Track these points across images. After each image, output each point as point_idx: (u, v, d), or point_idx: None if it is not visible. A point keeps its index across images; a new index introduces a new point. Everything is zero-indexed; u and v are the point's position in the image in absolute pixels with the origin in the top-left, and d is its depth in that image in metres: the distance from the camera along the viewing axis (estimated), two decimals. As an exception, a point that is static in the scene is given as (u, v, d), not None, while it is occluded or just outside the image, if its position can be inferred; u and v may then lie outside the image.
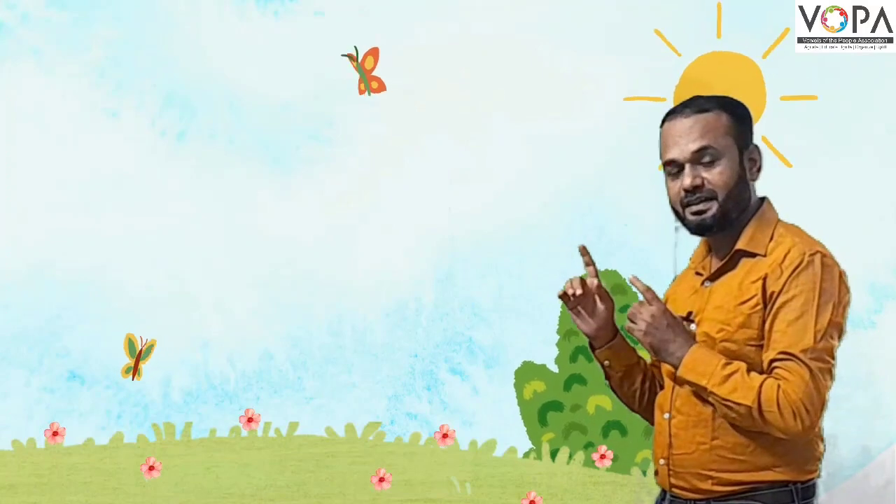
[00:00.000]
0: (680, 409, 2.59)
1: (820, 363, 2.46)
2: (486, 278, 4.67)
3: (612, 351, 2.76)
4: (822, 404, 2.47)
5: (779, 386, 2.43)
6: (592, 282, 2.74)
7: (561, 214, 4.65)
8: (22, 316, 4.63)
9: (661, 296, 2.86)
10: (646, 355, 2.80)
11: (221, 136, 4.68)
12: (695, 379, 2.51)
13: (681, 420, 2.58)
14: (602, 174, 4.63)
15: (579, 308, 2.73)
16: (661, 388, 2.77)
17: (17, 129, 4.66)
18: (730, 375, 2.47)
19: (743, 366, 2.48)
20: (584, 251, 2.75)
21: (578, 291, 2.71)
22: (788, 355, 2.45)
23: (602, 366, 2.80)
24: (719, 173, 2.55)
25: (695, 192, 2.56)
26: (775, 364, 2.46)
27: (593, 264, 2.75)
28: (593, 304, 2.74)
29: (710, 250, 2.71)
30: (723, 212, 2.56)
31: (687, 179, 2.56)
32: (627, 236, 4.64)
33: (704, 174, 2.55)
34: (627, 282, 2.59)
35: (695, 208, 2.57)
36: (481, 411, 4.68)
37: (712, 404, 2.52)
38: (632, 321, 2.56)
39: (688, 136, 2.56)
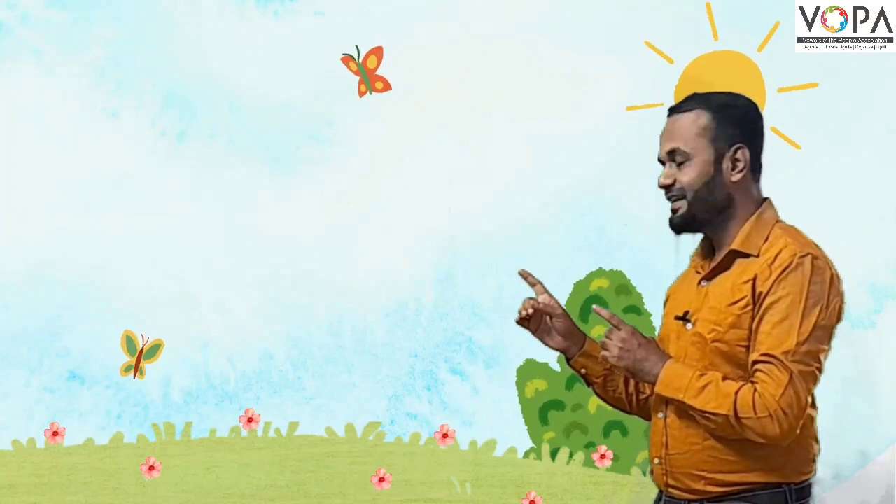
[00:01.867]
0: (675, 410, 2.59)
1: (802, 366, 2.44)
2: (486, 278, 4.67)
3: (585, 358, 2.78)
4: (803, 408, 2.46)
5: (755, 391, 2.43)
6: (545, 298, 2.76)
7: (561, 214, 4.65)
8: (22, 316, 4.63)
9: (663, 294, 2.87)
10: None
11: (221, 136, 4.68)
12: (672, 394, 2.52)
13: (676, 420, 2.58)
14: (602, 174, 4.63)
15: (541, 328, 2.77)
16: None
17: (17, 129, 4.66)
18: (704, 387, 2.48)
19: (718, 376, 2.48)
20: (524, 275, 2.79)
21: (530, 311, 2.75)
22: (770, 357, 2.44)
23: (581, 375, 2.81)
24: (686, 174, 2.58)
25: (669, 191, 2.59)
26: (756, 367, 2.46)
27: (539, 283, 2.78)
28: (550, 321, 2.76)
29: (711, 250, 2.71)
30: (691, 212, 2.58)
31: (660, 178, 2.60)
32: (627, 236, 4.64)
33: (677, 173, 2.59)
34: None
35: (672, 206, 2.61)
36: (481, 411, 4.68)
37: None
38: (604, 349, 2.58)
39: (667, 136, 2.62)
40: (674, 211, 2.61)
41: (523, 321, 2.77)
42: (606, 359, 2.58)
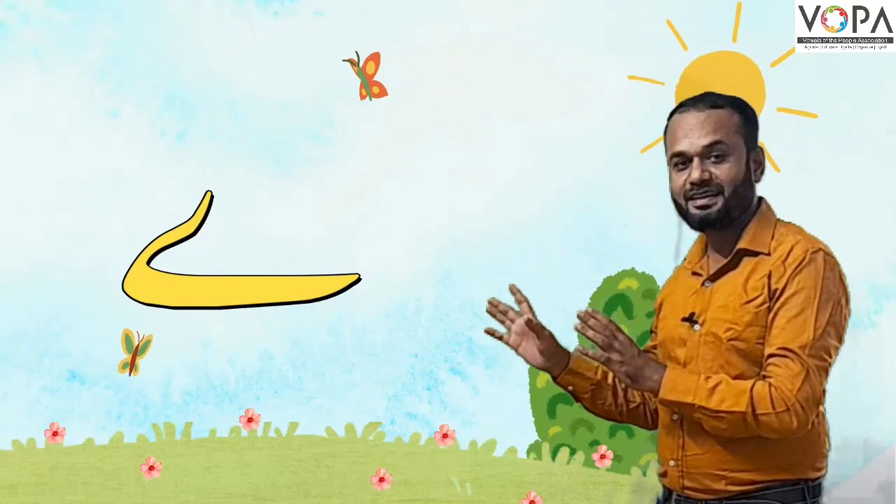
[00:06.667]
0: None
1: (817, 360, 2.45)
2: (486, 278, 4.67)
3: (572, 375, 2.76)
4: (817, 402, 2.47)
5: (770, 385, 2.43)
6: (533, 319, 2.73)
7: (561, 214, 4.65)
8: (22, 316, 4.63)
9: (655, 296, 2.86)
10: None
11: (221, 136, 4.68)
12: (678, 398, 2.49)
13: (693, 421, 2.58)
14: (602, 174, 4.63)
15: (523, 346, 2.75)
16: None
17: (17, 129, 4.66)
18: (715, 387, 2.46)
19: (725, 376, 2.48)
20: (514, 290, 2.78)
21: (508, 336, 2.73)
22: (786, 351, 2.45)
23: (568, 392, 2.80)
24: (727, 169, 2.56)
25: (702, 186, 2.56)
26: (771, 360, 2.46)
27: (526, 300, 2.76)
28: (535, 340, 2.74)
29: (706, 250, 2.71)
30: (727, 208, 2.57)
31: (695, 173, 2.56)
32: (627, 236, 4.64)
33: (712, 169, 2.56)
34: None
35: (700, 202, 2.57)
36: (481, 411, 4.68)
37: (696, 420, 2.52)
38: (606, 352, 2.53)
39: (699, 130, 2.57)
40: (705, 207, 2.58)
41: (494, 331, 2.76)
42: (608, 363, 2.55)
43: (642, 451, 4.60)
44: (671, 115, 2.67)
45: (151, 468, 4.62)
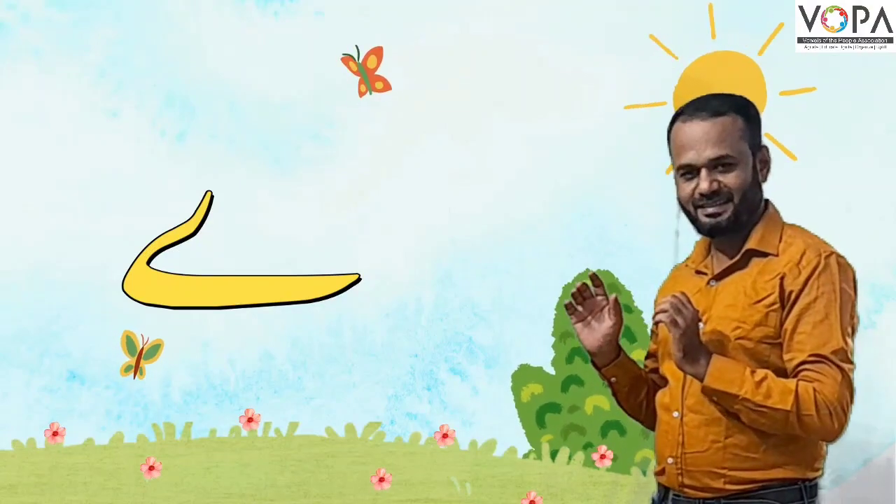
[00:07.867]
0: (692, 408, 2.59)
1: (848, 364, 2.49)
2: (486, 278, 4.67)
3: (618, 368, 2.76)
4: (851, 406, 2.49)
5: (814, 389, 2.44)
6: (614, 297, 2.72)
7: (561, 214, 4.65)
8: (22, 316, 4.63)
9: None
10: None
11: (221, 136, 4.68)
12: (724, 387, 2.49)
13: (694, 418, 2.58)
14: (602, 174, 4.63)
15: (588, 319, 2.73)
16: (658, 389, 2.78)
17: (17, 129, 4.66)
18: (761, 382, 2.47)
19: (769, 371, 2.49)
20: (593, 276, 2.74)
21: (583, 297, 2.70)
22: (820, 357, 2.46)
23: (609, 383, 2.79)
24: (735, 177, 2.57)
25: (711, 196, 2.57)
26: (806, 367, 2.47)
27: (602, 286, 2.74)
28: (602, 319, 2.72)
29: (709, 250, 2.71)
30: (736, 214, 2.58)
31: (704, 184, 2.57)
32: (627, 237, 4.64)
33: (721, 178, 2.57)
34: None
35: (710, 210, 2.58)
36: (481, 411, 4.68)
37: (728, 410, 2.51)
38: (675, 315, 2.50)
39: (705, 142, 2.56)
40: (715, 215, 2.58)
41: (571, 306, 2.72)
42: (674, 323, 2.50)
43: (636, 449, 4.60)
44: (674, 120, 2.67)
45: (151, 468, 4.62)
